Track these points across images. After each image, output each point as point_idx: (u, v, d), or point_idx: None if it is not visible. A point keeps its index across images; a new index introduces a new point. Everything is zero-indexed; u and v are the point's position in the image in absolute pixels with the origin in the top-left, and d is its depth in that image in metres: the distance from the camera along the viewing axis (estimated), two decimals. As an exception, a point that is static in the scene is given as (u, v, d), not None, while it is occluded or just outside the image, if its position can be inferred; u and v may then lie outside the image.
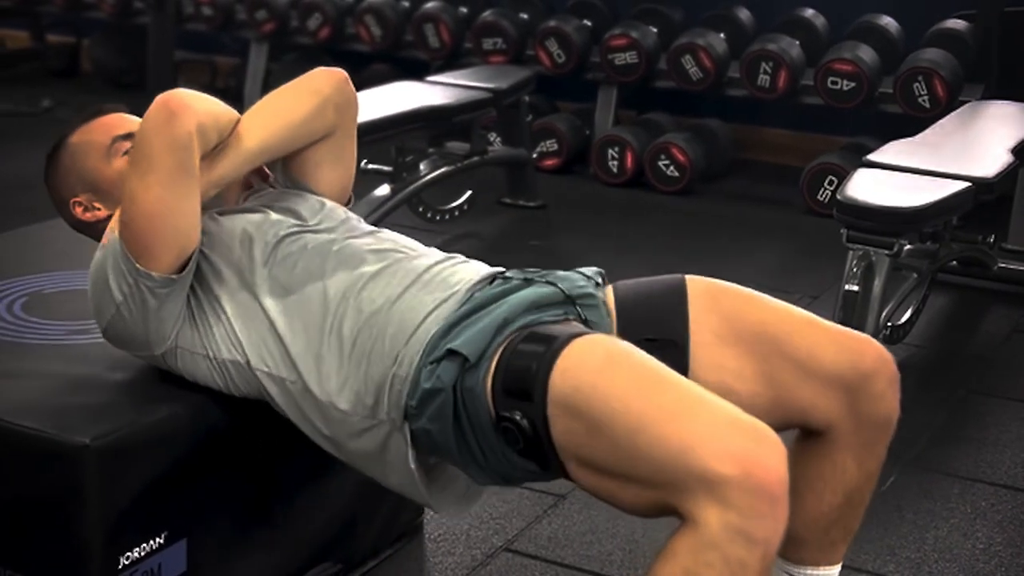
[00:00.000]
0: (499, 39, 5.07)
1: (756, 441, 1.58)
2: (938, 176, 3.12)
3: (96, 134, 2.06)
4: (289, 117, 2.00)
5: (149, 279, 1.85)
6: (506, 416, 1.71)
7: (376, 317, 1.84)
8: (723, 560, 1.54)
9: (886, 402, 1.88)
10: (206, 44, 5.96)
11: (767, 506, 1.54)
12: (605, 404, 1.64)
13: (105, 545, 1.85)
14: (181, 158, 1.83)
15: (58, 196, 2.09)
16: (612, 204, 4.70)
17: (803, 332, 1.88)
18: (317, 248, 1.94)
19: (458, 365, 1.76)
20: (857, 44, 4.65)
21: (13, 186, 4.56)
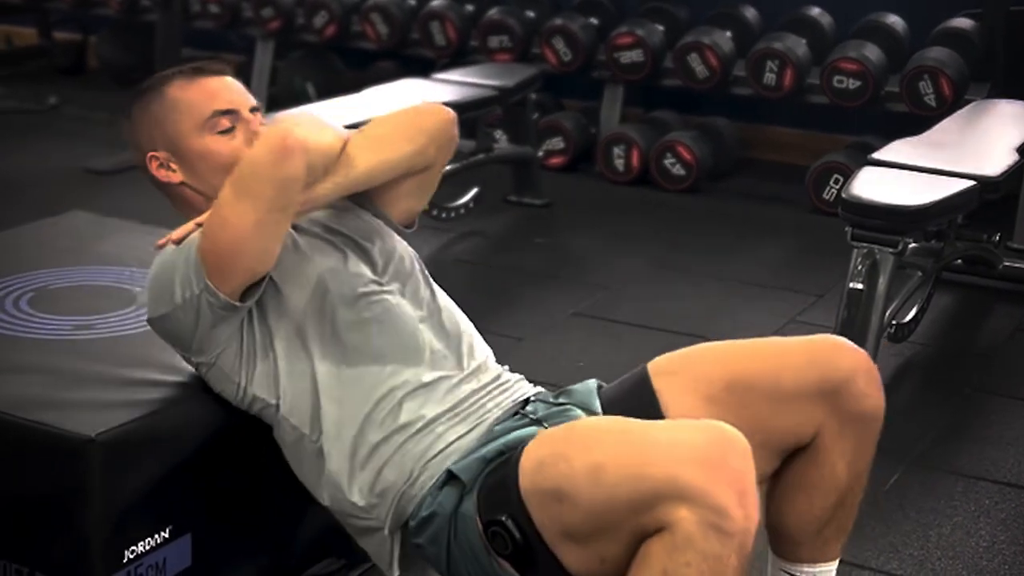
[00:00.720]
0: (505, 37, 5.07)
1: (715, 440, 1.62)
2: (943, 175, 3.12)
3: (197, 98, 1.98)
4: (395, 152, 1.97)
5: (213, 297, 1.84)
6: (492, 520, 1.75)
7: (407, 430, 1.87)
8: (700, 557, 1.57)
9: (869, 399, 1.90)
10: (213, 41, 5.96)
11: (735, 499, 1.57)
12: (565, 467, 1.69)
13: (110, 539, 1.86)
14: (284, 198, 1.81)
15: (137, 141, 2.02)
16: (618, 202, 4.70)
17: (767, 366, 1.92)
18: (390, 325, 1.92)
19: (457, 491, 1.81)
20: (863, 43, 4.64)
21: (20, 182, 4.58)
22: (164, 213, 2.11)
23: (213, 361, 1.92)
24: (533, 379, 3.18)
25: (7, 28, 6.27)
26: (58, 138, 5.21)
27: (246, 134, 1.97)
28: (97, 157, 4.82)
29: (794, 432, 1.90)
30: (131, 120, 2.04)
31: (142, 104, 2.02)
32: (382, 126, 1.99)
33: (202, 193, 1.97)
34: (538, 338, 3.44)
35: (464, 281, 2.05)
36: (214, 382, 1.95)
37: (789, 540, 1.95)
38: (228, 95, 1.99)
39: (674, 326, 3.49)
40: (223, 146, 1.96)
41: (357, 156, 1.92)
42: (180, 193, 2.00)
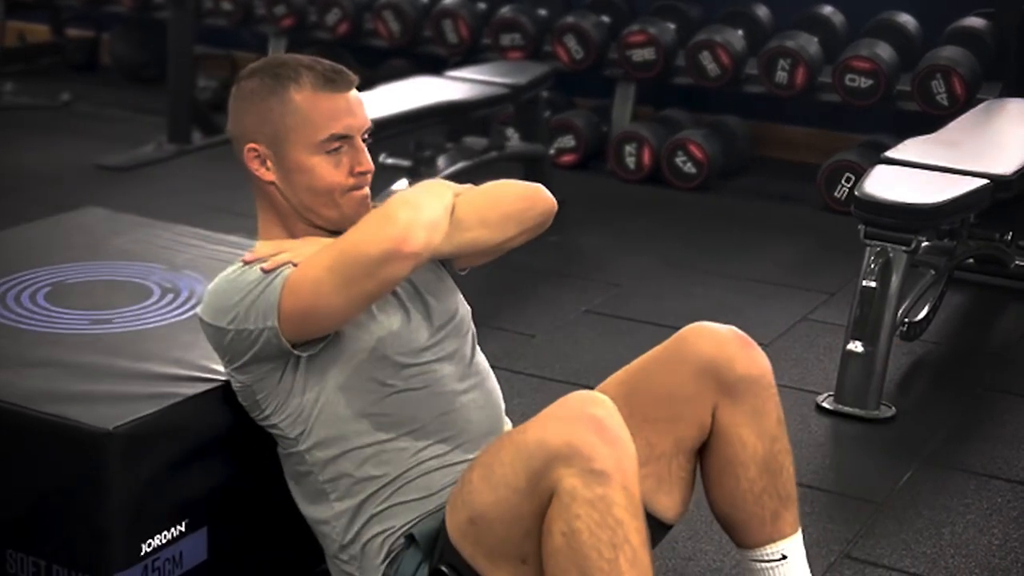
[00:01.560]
0: (517, 35, 5.07)
1: (577, 401, 1.73)
2: (956, 173, 3.12)
3: (319, 115, 1.88)
4: (497, 235, 1.93)
5: (276, 339, 1.82)
6: (434, 571, 1.82)
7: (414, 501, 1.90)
8: (588, 504, 1.65)
9: (741, 364, 1.96)
10: (225, 39, 5.98)
11: (605, 446, 1.67)
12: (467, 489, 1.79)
13: (127, 532, 1.87)
14: (377, 292, 1.80)
15: (242, 125, 1.93)
16: (629, 200, 4.71)
17: (643, 373, 2.01)
18: (429, 398, 1.92)
19: (422, 553, 1.85)
20: (875, 41, 4.64)
21: (34, 178, 4.60)
22: (177, 209, 2.12)
23: (249, 384, 1.91)
24: (547, 375, 3.19)
25: (20, 25, 6.28)
26: (71, 134, 5.23)
27: (350, 161, 1.91)
28: (110, 153, 4.84)
29: (698, 423, 1.97)
30: (241, 97, 1.93)
31: (261, 89, 1.90)
32: (491, 203, 1.93)
33: (287, 200, 1.93)
34: (551, 335, 3.44)
35: (476, 279, 2.05)
36: (241, 398, 1.94)
37: (738, 526, 2.00)
38: (348, 118, 1.90)
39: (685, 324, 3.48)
40: (326, 171, 1.89)
41: (459, 229, 1.88)
42: (266, 190, 1.94)
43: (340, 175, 1.90)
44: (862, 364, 3.00)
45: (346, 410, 1.89)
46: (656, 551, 2.28)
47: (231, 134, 1.96)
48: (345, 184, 1.90)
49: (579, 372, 3.21)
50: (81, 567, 1.88)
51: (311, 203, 1.90)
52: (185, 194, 4.33)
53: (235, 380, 1.93)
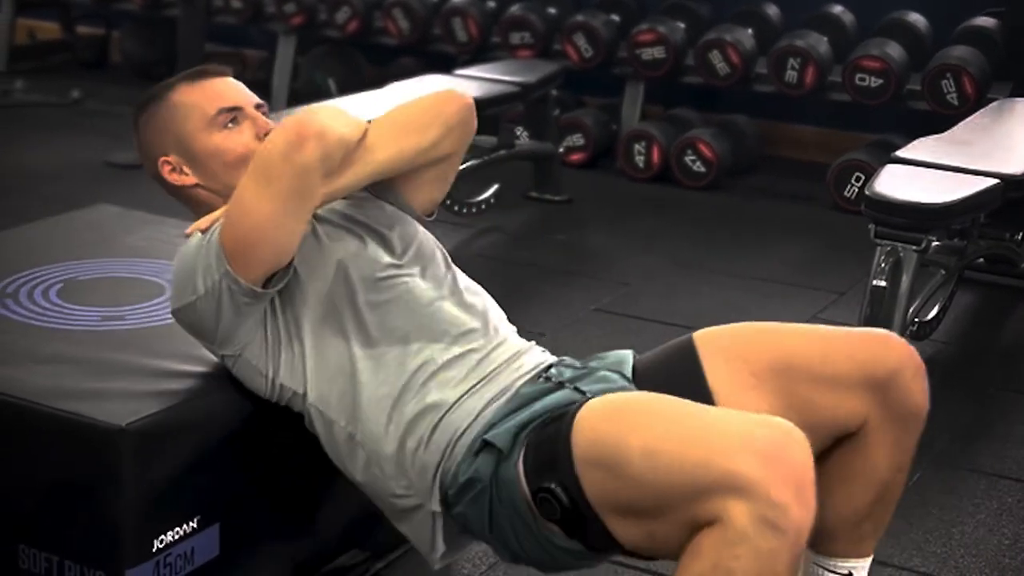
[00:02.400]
0: (527, 33, 5.08)
1: (776, 435, 1.59)
2: (967, 173, 3.11)
3: (201, 99, 2.01)
4: (417, 140, 1.96)
5: (235, 283, 1.85)
6: (542, 487, 1.75)
7: (440, 408, 1.88)
8: (753, 552, 1.54)
9: (914, 395, 1.89)
10: (235, 37, 5.99)
11: (793, 495, 1.55)
12: (621, 443, 1.68)
13: (139, 528, 1.87)
14: (302, 185, 1.82)
15: (147, 150, 2.05)
16: (638, 199, 4.71)
17: (815, 349, 1.91)
18: (408, 304, 1.94)
19: (494, 457, 1.81)
20: (885, 41, 4.64)
21: (45, 175, 4.61)
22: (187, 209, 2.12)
23: (239, 353, 1.93)
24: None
25: (31, 23, 6.30)
26: (81, 132, 5.24)
27: (253, 129, 2.00)
28: (119, 151, 4.83)
29: (836, 420, 1.89)
30: (138, 131, 2.07)
31: (148, 113, 2.05)
32: (402, 115, 1.99)
33: (216, 192, 1.99)
34: (559, 334, 3.44)
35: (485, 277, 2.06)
36: (243, 376, 1.96)
37: (826, 533, 1.94)
38: (231, 94, 2.02)
39: (695, 323, 3.45)
40: (232, 142, 1.99)
41: (377, 145, 1.93)
42: (195, 195, 2.03)
43: (247, 138, 1.99)
44: (872, 363, 2.99)
45: (331, 340, 1.91)
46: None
47: (145, 168, 2.07)
48: (255, 147, 1.95)
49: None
50: (93, 563, 1.88)
51: (233, 179, 1.92)
52: (195, 192, 4.33)
53: (229, 359, 1.95)
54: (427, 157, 2.00)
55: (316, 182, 1.84)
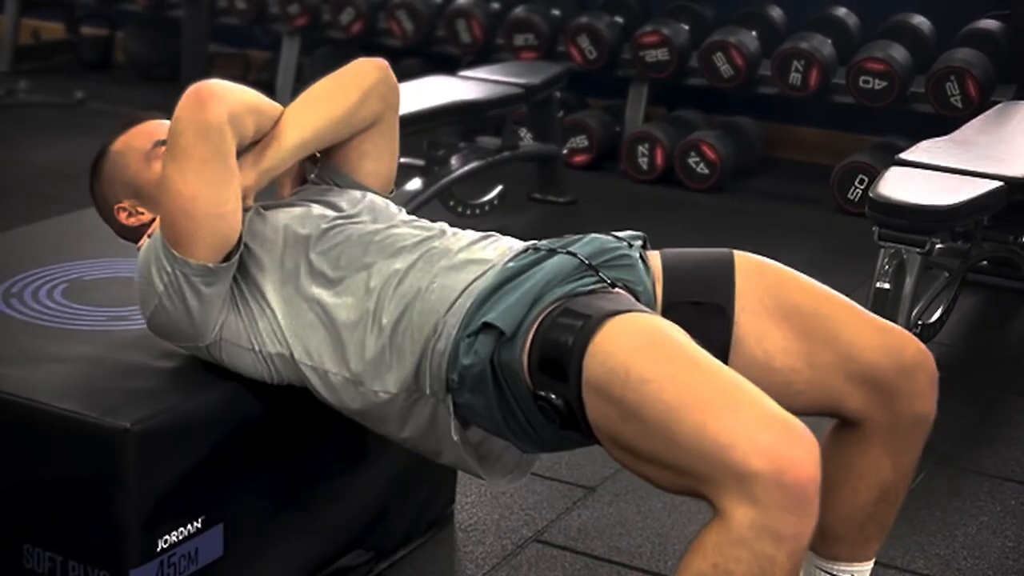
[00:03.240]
0: (531, 35, 5.08)
1: (790, 438, 1.57)
2: (971, 175, 3.11)
3: (136, 140, 2.09)
4: (334, 108, 2.01)
5: (186, 266, 1.86)
6: (542, 395, 1.72)
7: (416, 299, 1.86)
8: (751, 556, 1.54)
9: (924, 400, 1.88)
10: (239, 38, 5.99)
11: (796, 503, 1.54)
12: (639, 389, 1.63)
13: (143, 528, 1.87)
14: (214, 145, 1.85)
15: (103, 205, 2.13)
16: (642, 201, 4.71)
17: (848, 322, 1.88)
18: (359, 239, 1.95)
19: (494, 338, 1.77)
20: (889, 43, 4.64)
21: (49, 176, 4.61)
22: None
23: (219, 337, 1.94)
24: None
25: (35, 22, 6.30)
26: (85, 132, 5.22)
27: None
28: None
29: (840, 400, 1.86)
30: (93, 192, 2.14)
31: (96, 173, 2.12)
32: (317, 86, 2.05)
33: None
34: (563, 335, 3.44)
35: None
36: (233, 360, 1.96)
37: (829, 536, 1.93)
38: (163, 128, 2.04)
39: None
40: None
41: (296, 118, 1.98)
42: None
43: None
44: (875, 366, 3.00)
45: (297, 297, 1.92)
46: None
47: (108, 223, 2.14)
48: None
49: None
50: (97, 563, 1.89)
51: None
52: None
53: (216, 351, 1.96)
54: (351, 123, 2.04)
55: (229, 141, 1.86)
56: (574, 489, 2.63)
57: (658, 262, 1.97)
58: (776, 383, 1.75)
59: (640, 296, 1.88)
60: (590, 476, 2.68)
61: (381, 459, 2.26)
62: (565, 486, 2.64)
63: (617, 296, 1.83)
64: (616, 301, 1.79)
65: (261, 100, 1.95)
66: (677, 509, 2.55)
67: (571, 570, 2.36)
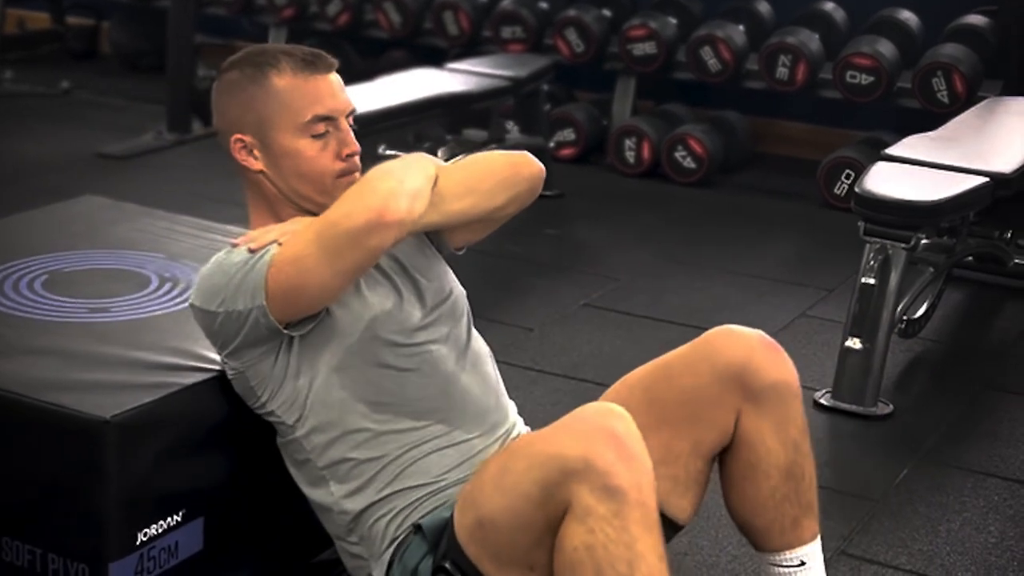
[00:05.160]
0: (518, 27, 5.07)
1: (594, 414, 1.71)
2: (957, 171, 3.12)
3: (300, 97, 1.89)
4: (483, 201, 1.94)
5: (264, 318, 1.83)
6: (438, 568, 1.82)
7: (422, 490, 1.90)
8: (603, 520, 1.63)
9: (771, 372, 1.93)
10: (226, 28, 5.97)
11: (621, 461, 1.65)
12: (477, 492, 1.79)
13: (123, 521, 1.86)
14: (369, 263, 1.82)
15: (226, 117, 1.95)
16: (628, 194, 4.70)
17: (668, 372, 1.98)
18: (426, 378, 1.93)
19: (427, 546, 1.85)
20: (876, 38, 4.64)
21: (33, 166, 4.59)
22: (176, 198, 2.11)
23: (242, 370, 1.91)
24: (544, 369, 3.18)
25: (20, 12, 6.26)
26: (70, 123, 5.22)
27: (337, 144, 1.91)
28: (109, 142, 4.83)
29: (720, 427, 1.95)
30: (222, 88, 1.95)
31: (241, 79, 1.93)
32: (476, 171, 1.94)
33: (279, 188, 1.93)
34: (549, 329, 3.44)
35: (475, 271, 2.06)
36: (236, 386, 1.94)
37: (758, 531, 1.98)
38: (331, 100, 1.91)
39: (684, 319, 3.49)
40: (313, 154, 1.90)
41: (446, 199, 1.88)
42: (255, 180, 1.95)
43: (328, 158, 1.91)
44: (860, 361, 3.00)
45: (340, 392, 1.89)
46: (676, 556, 2.30)
47: (217, 128, 1.97)
48: (335, 168, 1.91)
49: (577, 366, 3.20)
50: (76, 556, 1.88)
51: (302, 189, 1.91)
52: (184, 183, 4.32)
53: (229, 367, 1.93)
54: (488, 217, 1.98)
55: (374, 262, 1.84)
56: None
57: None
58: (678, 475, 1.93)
59: None
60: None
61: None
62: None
63: None
64: None
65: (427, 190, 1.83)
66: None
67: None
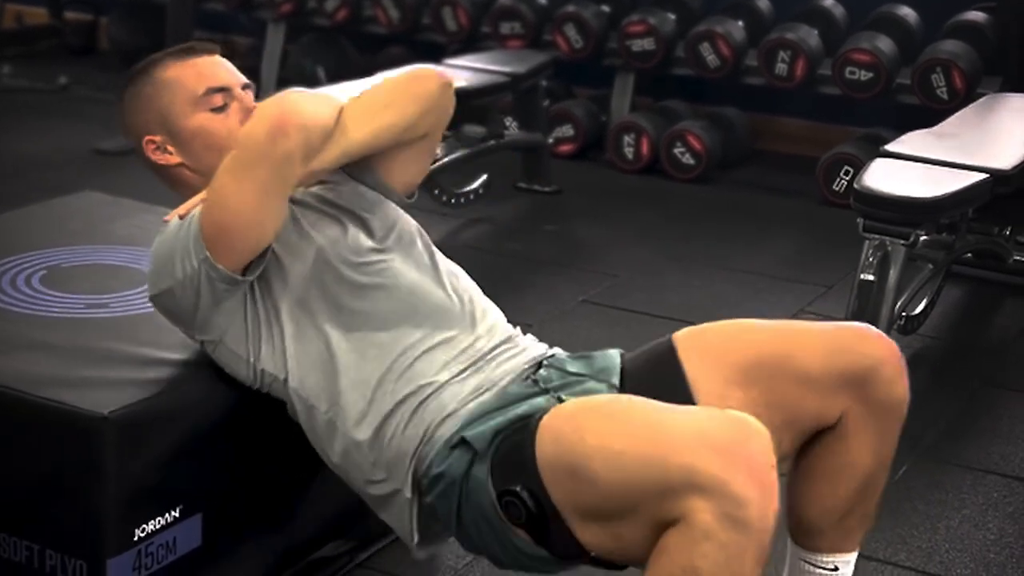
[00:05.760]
0: (517, 23, 5.06)
1: (736, 430, 1.60)
2: (956, 167, 3.11)
3: (188, 78, 1.98)
4: (394, 118, 1.96)
5: (214, 270, 1.84)
6: (507, 490, 1.74)
7: (421, 393, 1.87)
8: (717, 547, 1.55)
9: (895, 388, 1.89)
10: (224, 23, 5.95)
11: (755, 491, 1.55)
12: (582, 444, 1.68)
13: (121, 517, 1.86)
14: (282, 176, 1.82)
15: (132, 127, 2.03)
16: (627, 191, 4.70)
17: (794, 346, 1.91)
18: (390, 290, 1.93)
19: (469, 456, 1.80)
20: (876, 34, 4.63)
21: (31, 162, 4.58)
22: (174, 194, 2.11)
23: (219, 339, 1.92)
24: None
25: (18, 7, 6.26)
26: (68, 118, 5.21)
27: (240, 112, 1.98)
28: (107, 138, 4.81)
29: (817, 416, 1.89)
30: (123, 106, 2.04)
31: (133, 89, 2.02)
32: (378, 94, 1.98)
33: (199, 173, 1.97)
34: (547, 325, 3.43)
35: (473, 267, 2.06)
36: (224, 362, 1.95)
37: (811, 529, 1.94)
38: (219, 73, 2.00)
39: (683, 315, 3.48)
40: (218, 124, 1.97)
41: (352, 125, 1.92)
42: (178, 175, 2.01)
43: (233, 123, 1.96)
44: (859, 358, 2.99)
45: (311, 326, 1.89)
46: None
47: (130, 143, 2.04)
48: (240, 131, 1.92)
49: (575, 362, 3.20)
50: (74, 552, 1.88)
51: (217, 162, 1.90)
52: (182, 179, 4.31)
53: (210, 348, 1.93)
54: (404, 136, 1.99)
55: (296, 170, 1.83)
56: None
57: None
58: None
59: None
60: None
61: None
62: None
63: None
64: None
65: (330, 110, 1.87)
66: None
67: (552, 561, 2.35)
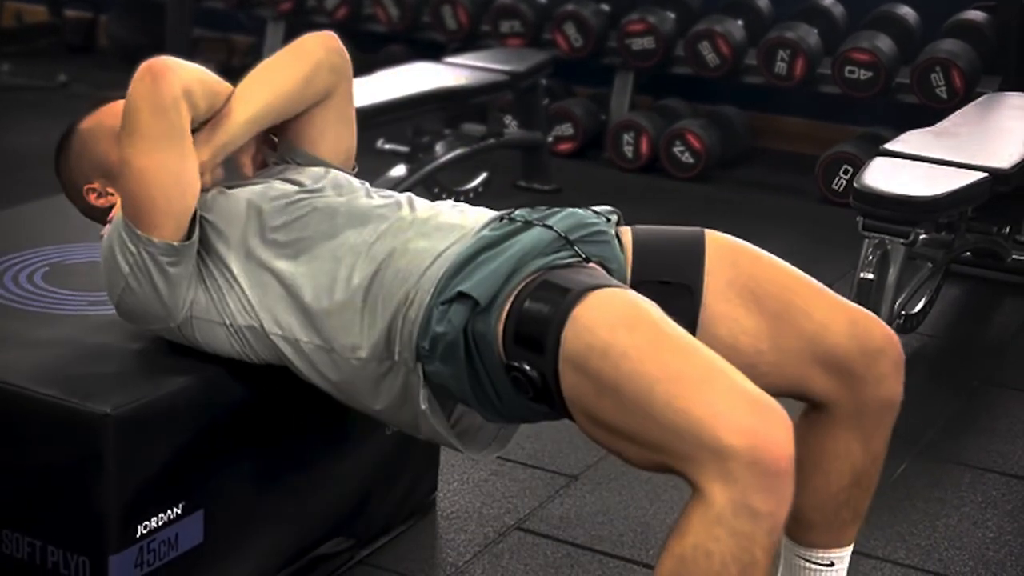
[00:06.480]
0: (516, 22, 5.06)
1: (766, 417, 1.58)
2: (955, 166, 3.12)
3: (107, 119, 2.06)
4: (283, 82, 2.01)
5: (151, 245, 1.86)
6: (516, 366, 1.72)
7: (387, 263, 1.85)
8: (730, 534, 1.56)
9: (889, 384, 1.89)
10: (223, 22, 5.96)
11: (772, 481, 1.55)
12: (617, 365, 1.63)
13: (123, 514, 1.86)
14: (170, 120, 1.86)
15: (71, 185, 2.11)
16: (627, 189, 4.70)
17: (818, 305, 1.88)
18: (324, 209, 1.94)
19: (468, 308, 1.76)
20: (875, 33, 4.64)
21: (31, 159, 4.57)
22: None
23: (190, 314, 1.93)
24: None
25: (18, 5, 6.26)
26: (68, 116, 5.14)
27: None
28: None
29: (804, 384, 1.87)
30: (60, 172, 2.11)
31: (64, 152, 2.10)
32: (266, 63, 2.05)
33: None
34: (547, 323, 3.44)
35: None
36: (207, 338, 1.95)
37: (805, 523, 1.94)
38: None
39: (683, 313, 3.49)
40: None
41: (247, 94, 1.97)
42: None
43: None
44: (858, 356, 3.00)
45: (265, 270, 1.90)
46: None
47: (77, 206, 2.11)
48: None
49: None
50: (76, 548, 1.88)
51: None
52: (182, 177, 4.32)
53: (189, 331, 1.94)
54: (304, 96, 2.03)
55: (184, 116, 1.87)
56: (556, 477, 2.63)
57: (629, 238, 1.97)
58: (740, 364, 1.72)
59: (614, 273, 1.88)
60: (573, 464, 2.68)
61: (363, 446, 2.25)
62: (548, 474, 2.64)
63: (593, 271, 1.83)
64: (594, 276, 1.79)
65: (211, 76, 1.95)
66: (659, 498, 2.56)
67: (552, 558, 2.36)
